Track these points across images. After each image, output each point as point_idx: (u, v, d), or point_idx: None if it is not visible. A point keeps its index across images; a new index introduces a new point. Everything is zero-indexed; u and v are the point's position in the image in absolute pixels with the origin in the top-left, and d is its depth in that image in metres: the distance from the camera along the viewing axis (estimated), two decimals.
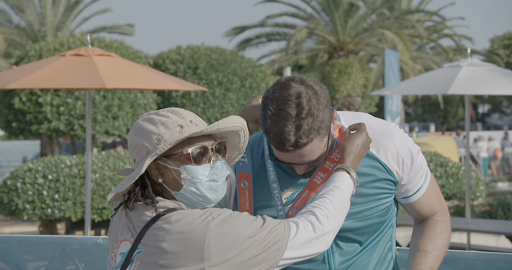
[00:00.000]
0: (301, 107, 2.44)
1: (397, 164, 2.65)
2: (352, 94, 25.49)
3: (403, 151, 2.66)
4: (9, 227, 15.27)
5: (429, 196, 2.75)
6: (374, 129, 2.68)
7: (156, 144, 2.35)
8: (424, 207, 2.76)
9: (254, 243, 2.27)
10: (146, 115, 2.46)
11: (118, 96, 17.85)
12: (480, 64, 9.43)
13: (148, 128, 2.39)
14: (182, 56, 20.02)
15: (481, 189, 13.50)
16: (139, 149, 2.40)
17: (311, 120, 2.44)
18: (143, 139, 2.38)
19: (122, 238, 2.42)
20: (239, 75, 19.77)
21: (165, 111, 2.43)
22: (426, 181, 2.74)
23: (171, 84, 8.35)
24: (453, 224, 9.63)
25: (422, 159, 2.73)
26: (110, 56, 8.10)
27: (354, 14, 25.94)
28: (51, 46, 18.26)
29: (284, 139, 2.44)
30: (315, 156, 2.52)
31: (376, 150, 2.65)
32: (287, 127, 2.43)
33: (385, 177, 2.65)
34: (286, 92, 2.46)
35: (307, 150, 2.48)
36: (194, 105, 19.50)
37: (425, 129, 47.65)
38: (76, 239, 4.49)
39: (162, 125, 2.37)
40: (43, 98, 17.37)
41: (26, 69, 8.03)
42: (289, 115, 2.44)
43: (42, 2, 29.68)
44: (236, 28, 28.17)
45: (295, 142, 2.45)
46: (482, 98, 52.01)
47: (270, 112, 2.47)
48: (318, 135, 2.47)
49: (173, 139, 2.35)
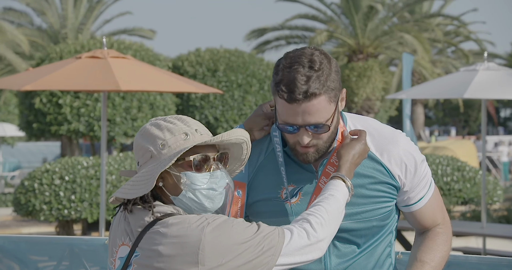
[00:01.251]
0: (314, 62, 2.49)
1: (400, 169, 2.65)
2: (372, 97, 25.41)
3: (407, 157, 2.66)
4: (27, 227, 15.37)
5: (431, 207, 2.75)
6: (380, 133, 2.69)
7: (161, 149, 2.42)
8: (425, 218, 2.75)
9: (248, 248, 2.31)
10: (154, 120, 2.52)
11: (137, 98, 17.94)
12: (496, 68, 9.36)
13: (154, 133, 2.45)
14: (202, 58, 20.10)
15: (498, 193, 13.41)
16: (143, 152, 2.46)
17: (322, 75, 2.48)
18: (148, 143, 2.45)
19: (121, 243, 2.45)
20: (258, 78, 19.80)
21: (173, 118, 2.49)
22: (429, 191, 2.74)
23: (186, 86, 8.39)
24: (468, 229, 9.62)
25: (427, 169, 2.73)
26: (125, 58, 8.15)
27: (374, 17, 25.88)
28: (72, 48, 18.37)
29: (294, 86, 2.46)
30: (321, 118, 2.51)
31: (380, 154, 2.66)
32: (298, 76, 2.47)
33: (387, 180, 2.65)
34: (300, 51, 2.55)
35: (315, 105, 2.49)
36: (212, 108, 19.56)
37: (446, 133, 47.44)
38: (84, 240, 4.52)
39: (168, 131, 2.44)
40: (63, 100, 17.48)
41: (42, 71, 8.11)
42: (301, 67, 2.48)
43: (63, 5, 29.86)
44: (255, 31, 28.19)
45: (305, 92, 2.46)
46: (504, 102, 51.69)
47: (283, 65, 2.52)
48: (327, 93, 2.50)
49: (177, 146, 2.41)
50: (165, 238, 2.30)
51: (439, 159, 13.90)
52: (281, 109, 2.53)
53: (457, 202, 13.65)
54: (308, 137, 2.55)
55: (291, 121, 2.52)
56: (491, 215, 12.48)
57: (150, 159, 2.43)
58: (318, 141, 2.57)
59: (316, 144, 2.58)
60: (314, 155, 2.59)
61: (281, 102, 2.51)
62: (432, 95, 10.30)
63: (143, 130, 2.49)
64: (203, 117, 19.71)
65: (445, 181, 13.63)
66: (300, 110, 2.49)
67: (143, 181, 2.40)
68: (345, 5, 25.93)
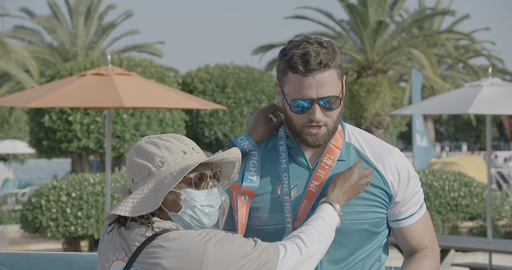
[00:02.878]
0: (321, 42, 2.59)
1: (393, 177, 2.69)
2: (381, 113, 25.41)
3: (401, 168, 2.70)
4: (35, 244, 15.42)
5: (421, 227, 2.76)
6: (377, 143, 2.75)
7: (159, 166, 2.45)
8: (414, 237, 2.75)
9: (248, 262, 2.38)
10: (148, 138, 2.55)
11: (146, 115, 18.00)
12: (501, 84, 9.37)
13: (151, 150, 2.48)
14: (211, 74, 20.17)
15: (506, 209, 13.35)
16: (140, 169, 2.49)
17: (330, 52, 2.56)
18: (146, 160, 2.48)
19: (114, 258, 2.47)
20: (267, 94, 19.85)
21: (168, 136, 2.53)
22: (421, 211, 2.76)
23: (190, 103, 8.44)
24: (474, 244, 9.59)
25: (419, 187, 2.77)
26: (129, 75, 8.21)
27: (383, 32, 25.92)
28: (82, 65, 18.49)
29: (309, 57, 2.53)
30: (332, 91, 2.56)
31: (375, 160, 2.70)
32: (310, 51, 2.55)
33: (381, 186, 2.68)
34: (305, 36, 2.65)
35: (327, 77, 2.54)
36: (222, 124, 19.61)
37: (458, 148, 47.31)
38: (82, 256, 4.55)
39: (166, 149, 2.48)
40: (73, 117, 17.56)
41: (47, 88, 8.18)
42: (310, 44, 2.57)
43: (74, 22, 30.09)
44: (263, 46, 28.29)
45: (320, 62, 2.53)
46: None
47: (291, 47, 2.59)
48: (336, 68, 2.57)
49: (176, 163, 2.46)
50: (168, 252, 2.34)
51: (446, 174, 13.86)
52: (294, 85, 2.56)
53: (465, 218, 13.60)
54: (320, 113, 2.57)
55: (305, 96, 2.55)
56: (498, 230, 12.41)
57: (148, 176, 2.46)
58: (328, 120, 2.60)
59: (327, 124, 2.61)
60: (324, 138, 2.63)
61: (294, 77, 2.55)
62: (437, 111, 10.32)
63: (138, 148, 2.52)
64: (212, 133, 19.75)
65: (452, 196, 13.59)
66: (315, 82, 2.54)
67: (149, 199, 2.43)
68: (353, 21, 25.99)
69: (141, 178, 2.48)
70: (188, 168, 2.43)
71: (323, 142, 2.63)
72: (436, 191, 13.58)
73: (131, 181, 2.52)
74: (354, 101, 25.49)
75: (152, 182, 2.44)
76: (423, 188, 14.58)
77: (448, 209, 13.50)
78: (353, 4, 26.10)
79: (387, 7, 26.63)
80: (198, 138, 20.11)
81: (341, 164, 2.68)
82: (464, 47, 35.48)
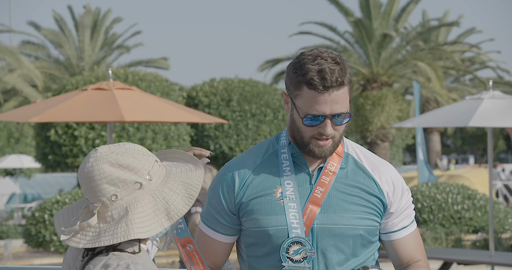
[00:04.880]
0: (333, 57, 2.64)
1: (388, 188, 2.75)
2: (386, 126, 25.44)
3: (396, 180, 2.78)
4: (40, 258, 15.42)
5: (413, 242, 2.80)
6: (374, 156, 2.82)
7: (149, 179, 2.31)
8: (405, 250, 2.78)
9: None
10: (114, 154, 2.32)
11: (152, 129, 18.06)
12: (502, 97, 9.39)
13: (132, 164, 2.30)
14: (216, 88, 20.23)
15: (510, 222, 13.31)
16: (124, 184, 2.29)
17: (343, 68, 2.63)
18: (130, 174, 2.29)
19: None
20: (272, 107, 19.89)
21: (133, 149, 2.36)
22: (412, 225, 2.81)
23: (191, 116, 8.49)
24: (476, 257, 9.58)
25: (411, 201, 2.83)
26: (130, 90, 8.27)
27: (388, 46, 25.97)
28: (87, 80, 18.57)
29: (326, 74, 2.59)
30: (344, 108, 2.64)
31: (372, 170, 2.76)
32: (326, 67, 2.60)
33: (377, 194, 2.74)
34: (316, 50, 2.69)
35: (341, 95, 2.62)
36: (227, 137, 19.65)
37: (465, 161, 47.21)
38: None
39: (146, 161, 2.32)
40: (78, 131, 17.63)
41: (49, 103, 8.24)
42: (324, 61, 2.62)
43: (80, 37, 30.24)
44: (269, 61, 28.38)
45: (336, 80, 2.59)
46: None
47: (304, 61, 2.64)
48: (348, 85, 2.65)
49: (160, 174, 2.34)
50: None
51: (449, 187, 13.85)
52: (308, 99, 2.62)
53: (468, 231, 13.57)
54: (330, 128, 2.65)
55: (319, 111, 2.62)
56: (502, 243, 12.38)
57: (140, 189, 2.30)
58: (335, 133, 2.68)
59: (334, 136, 2.68)
60: (330, 149, 2.70)
61: (310, 93, 2.61)
62: (438, 124, 10.34)
63: (112, 162, 2.29)
64: (218, 147, 19.79)
65: (455, 209, 13.57)
66: (330, 99, 2.61)
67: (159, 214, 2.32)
68: (358, 34, 26.05)
69: (129, 192, 2.29)
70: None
71: (329, 154, 2.70)
72: (440, 204, 13.56)
73: (110, 198, 2.30)
74: (359, 114, 25.51)
75: (148, 197, 2.31)
76: (426, 200, 14.49)
77: (452, 222, 13.47)
78: (358, 17, 26.18)
79: (391, 20, 26.69)
80: None
81: (341, 171, 2.75)
82: (470, 60, 35.47)
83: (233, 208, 2.74)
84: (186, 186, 2.36)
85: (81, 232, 2.29)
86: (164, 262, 13.78)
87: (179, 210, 2.31)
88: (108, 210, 2.28)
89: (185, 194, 2.34)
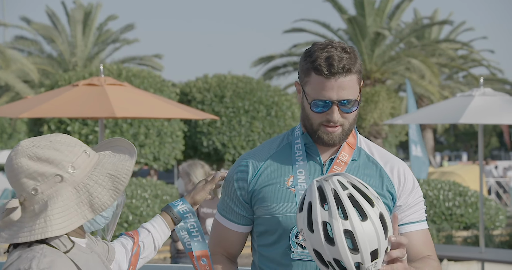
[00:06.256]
0: (344, 47, 2.70)
1: (398, 180, 2.79)
2: (379, 122, 25.49)
3: (407, 175, 2.82)
4: None
5: (421, 239, 2.79)
6: (386, 152, 2.87)
7: (72, 172, 2.26)
8: (413, 245, 2.76)
9: None
10: (35, 147, 2.28)
11: (145, 124, 18.04)
12: (492, 94, 9.44)
13: (52, 156, 2.26)
14: (209, 84, 20.22)
15: (500, 218, 13.35)
16: (44, 177, 2.25)
17: (353, 57, 2.67)
18: (49, 166, 2.25)
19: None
20: (265, 104, 19.89)
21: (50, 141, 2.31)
22: (421, 223, 2.81)
23: (182, 112, 8.47)
24: (467, 254, 9.61)
25: (422, 199, 2.84)
26: (121, 86, 8.25)
27: (381, 43, 26.01)
28: (80, 76, 18.53)
29: (333, 61, 2.64)
30: (351, 95, 2.67)
31: (384, 164, 2.81)
32: (335, 55, 2.66)
33: (387, 187, 2.78)
34: (328, 40, 2.76)
35: (348, 81, 2.66)
36: (220, 134, 19.65)
37: (458, 158, 47.31)
38: None
39: (70, 152, 2.29)
40: (71, 127, 17.60)
41: (40, 98, 8.22)
42: (334, 49, 2.68)
43: (72, 32, 30.18)
44: (263, 58, 28.39)
45: (343, 66, 2.64)
46: None
47: (315, 49, 2.70)
48: (357, 73, 2.68)
49: (87, 166, 2.30)
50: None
51: (441, 184, 13.88)
52: (316, 85, 2.68)
53: (459, 227, 13.61)
54: (338, 114, 2.69)
55: (325, 97, 2.67)
56: (493, 240, 12.42)
57: (61, 182, 2.25)
58: (344, 121, 2.72)
59: (343, 124, 2.72)
60: (339, 137, 2.74)
61: (317, 78, 2.67)
62: (429, 120, 10.38)
63: (29, 155, 2.25)
64: (211, 143, 19.79)
65: (447, 206, 13.61)
66: (336, 84, 2.65)
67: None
68: (352, 31, 26.09)
69: (50, 185, 2.25)
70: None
71: (337, 142, 2.74)
72: (431, 201, 13.59)
73: (30, 192, 2.26)
74: None
75: (70, 190, 2.27)
76: None
77: (443, 219, 13.50)
78: (352, 15, 26.20)
79: (385, 18, 26.72)
80: (196, 148, 20.15)
81: (352, 163, 2.79)
82: (463, 57, 35.53)
83: (246, 196, 2.81)
84: (113, 179, 2.31)
85: (8, 227, 2.27)
86: (156, 258, 13.81)
87: (103, 203, 2.27)
88: (31, 204, 2.26)
89: (111, 187, 2.30)
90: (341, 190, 2.40)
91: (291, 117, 20.17)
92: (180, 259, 7.25)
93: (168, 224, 2.79)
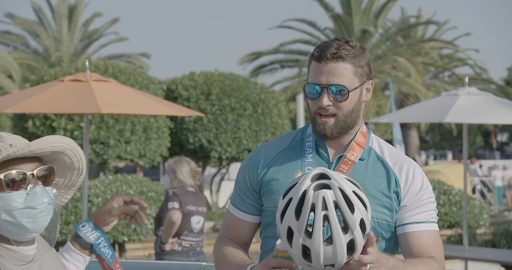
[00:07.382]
0: (350, 41, 2.76)
1: (406, 179, 2.77)
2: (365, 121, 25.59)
3: (417, 175, 2.79)
4: None
5: (429, 239, 2.74)
6: (398, 152, 2.86)
7: None
8: (417, 244, 2.72)
9: None
10: None
11: (131, 120, 17.99)
12: (477, 93, 9.47)
13: None
14: (195, 82, 20.18)
15: (484, 217, 13.43)
16: None
17: (354, 51, 2.72)
18: None
19: None
20: (252, 101, 19.88)
21: None
22: (429, 224, 2.75)
23: (168, 109, 8.47)
24: (450, 252, 9.64)
25: (432, 202, 2.79)
26: (107, 82, 8.23)
27: (367, 41, 26.08)
28: (66, 71, 18.45)
29: (327, 48, 2.72)
30: (341, 81, 2.70)
31: (393, 164, 2.80)
32: (333, 43, 2.74)
33: (393, 187, 2.76)
34: (339, 37, 2.87)
35: (339, 68, 2.70)
36: (206, 131, 19.62)
37: (443, 157, 47.51)
38: None
39: None
40: (57, 122, 17.53)
41: (25, 94, 8.18)
42: (337, 40, 2.77)
43: (58, 27, 30.08)
44: (250, 55, 28.39)
45: (334, 53, 2.70)
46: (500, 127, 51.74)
47: (325, 41, 2.81)
48: (354, 65, 2.71)
49: None
50: None
51: None
52: (311, 71, 2.75)
53: (443, 226, 13.66)
54: (328, 100, 2.71)
55: (316, 81, 2.72)
56: (476, 239, 12.48)
57: None
58: (338, 111, 2.73)
59: (336, 114, 2.73)
60: (331, 129, 2.74)
61: (312, 64, 2.74)
62: (414, 119, 10.41)
63: None
64: (197, 140, 19.76)
65: None
66: (326, 69, 2.70)
67: None
68: (338, 29, 26.15)
69: None
70: None
71: (330, 134, 2.75)
72: None
73: None
74: None
75: None
76: None
77: None
78: (338, 13, 26.26)
79: (371, 16, 26.79)
80: (182, 145, 20.11)
81: (361, 163, 2.78)
82: (448, 56, 35.66)
83: (256, 186, 2.86)
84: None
85: None
86: (141, 254, 13.79)
87: None
88: None
89: None
90: (319, 209, 2.31)
91: (277, 114, 20.17)
92: (164, 256, 7.25)
93: (79, 250, 2.55)
